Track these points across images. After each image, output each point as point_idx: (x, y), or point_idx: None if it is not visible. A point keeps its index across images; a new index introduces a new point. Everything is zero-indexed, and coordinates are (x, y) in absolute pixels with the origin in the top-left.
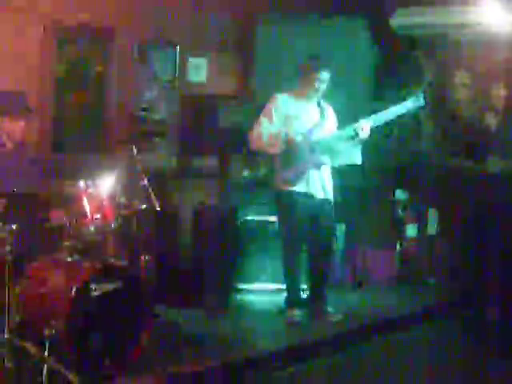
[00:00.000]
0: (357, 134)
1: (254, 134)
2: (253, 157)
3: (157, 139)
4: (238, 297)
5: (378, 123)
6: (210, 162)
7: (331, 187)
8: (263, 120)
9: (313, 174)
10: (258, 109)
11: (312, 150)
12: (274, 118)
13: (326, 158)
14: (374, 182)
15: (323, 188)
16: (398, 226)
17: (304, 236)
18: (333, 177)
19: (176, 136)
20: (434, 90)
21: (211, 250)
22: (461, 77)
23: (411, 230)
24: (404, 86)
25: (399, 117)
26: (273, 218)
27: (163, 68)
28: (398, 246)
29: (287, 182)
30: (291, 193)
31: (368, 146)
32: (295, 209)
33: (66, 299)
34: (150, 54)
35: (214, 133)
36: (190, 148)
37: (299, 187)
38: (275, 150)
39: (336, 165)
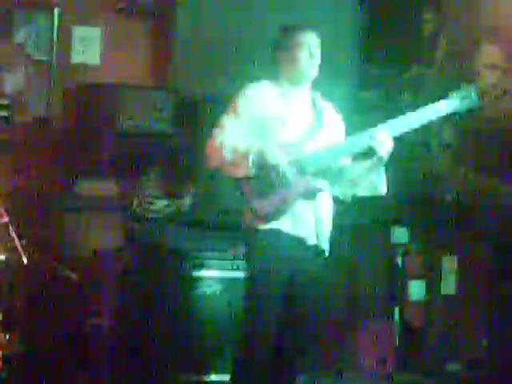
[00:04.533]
0: (372, 150)
1: (213, 145)
2: (175, 179)
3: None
4: None
5: (398, 132)
6: (106, 186)
7: (329, 230)
8: (227, 124)
9: (303, 206)
10: (182, 104)
11: (301, 171)
12: (244, 122)
13: (324, 183)
14: (363, 217)
15: (318, 230)
16: (397, 282)
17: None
18: None
19: (53, 148)
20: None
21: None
22: (489, 53)
23: (417, 289)
24: (406, 63)
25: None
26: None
27: (33, 42)
28: (396, 315)
29: (261, 216)
30: (266, 233)
31: None
32: (270, 258)
33: None
34: (12, 21)
35: (111, 143)
36: (75, 166)
37: (281, 224)
38: (243, 171)
39: (347, 195)
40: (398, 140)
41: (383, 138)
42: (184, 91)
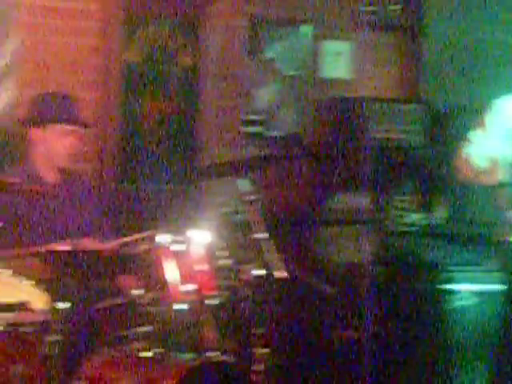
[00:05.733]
0: None
1: (461, 156)
2: (427, 191)
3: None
4: None
5: None
6: (359, 199)
7: None
8: (474, 136)
9: None
10: (432, 116)
11: None
12: (494, 135)
13: None
14: None
15: None
16: None
17: None
18: None
19: (305, 162)
20: None
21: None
22: None
23: None
24: None
25: None
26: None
27: (286, 58)
28: None
29: None
30: None
31: None
32: None
33: None
34: (265, 38)
35: (363, 156)
36: (329, 180)
37: None
38: (493, 179)
39: None
40: None
41: None
42: (434, 103)
